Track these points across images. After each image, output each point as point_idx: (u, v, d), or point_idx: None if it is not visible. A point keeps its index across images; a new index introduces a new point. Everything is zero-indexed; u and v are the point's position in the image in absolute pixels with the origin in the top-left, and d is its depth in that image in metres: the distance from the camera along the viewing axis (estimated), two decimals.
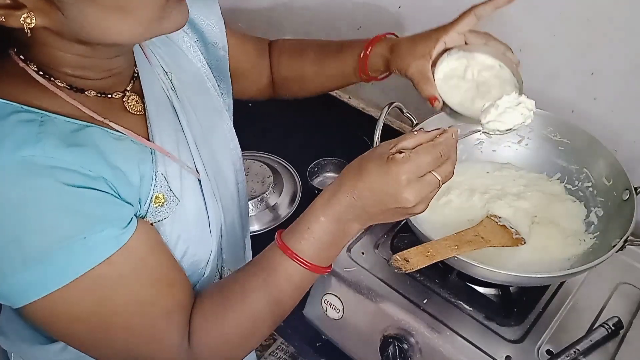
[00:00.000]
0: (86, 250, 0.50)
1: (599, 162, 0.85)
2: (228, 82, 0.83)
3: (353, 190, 0.57)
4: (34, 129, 0.50)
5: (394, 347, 0.76)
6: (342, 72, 0.84)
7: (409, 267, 0.67)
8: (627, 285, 0.84)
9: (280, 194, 1.09)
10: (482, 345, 0.74)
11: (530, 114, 0.67)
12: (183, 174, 0.64)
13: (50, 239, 0.49)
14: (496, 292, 0.82)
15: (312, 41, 0.90)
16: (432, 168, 0.56)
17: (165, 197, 0.60)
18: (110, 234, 0.52)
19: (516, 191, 0.88)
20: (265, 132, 1.26)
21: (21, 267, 0.48)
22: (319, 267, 0.59)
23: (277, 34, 1.45)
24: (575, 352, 0.72)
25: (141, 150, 0.59)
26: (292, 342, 0.94)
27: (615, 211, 0.79)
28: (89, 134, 0.54)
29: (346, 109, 1.35)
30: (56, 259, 0.49)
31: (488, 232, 0.77)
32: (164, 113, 0.65)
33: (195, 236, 0.65)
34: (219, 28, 0.80)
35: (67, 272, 0.50)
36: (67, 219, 0.50)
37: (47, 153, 0.49)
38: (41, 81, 0.54)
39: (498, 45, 0.76)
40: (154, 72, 0.68)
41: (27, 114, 0.51)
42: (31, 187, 0.48)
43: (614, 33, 0.86)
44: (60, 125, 0.53)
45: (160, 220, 0.60)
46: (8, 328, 0.70)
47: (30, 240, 0.48)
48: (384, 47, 0.78)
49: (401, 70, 0.75)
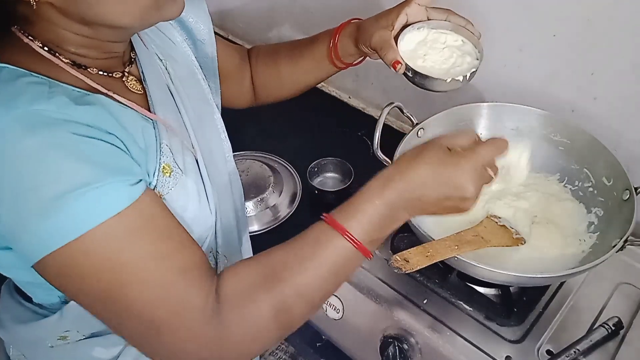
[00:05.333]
0: (100, 200, 0.50)
1: (599, 162, 0.85)
2: (217, 82, 0.84)
3: (412, 176, 0.57)
4: (44, 89, 0.52)
5: (394, 347, 0.77)
6: (317, 64, 0.85)
7: (409, 267, 0.67)
8: (627, 285, 0.84)
9: (280, 194, 1.09)
10: (482, 345, 0.74)
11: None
12: (184, 150, 0.65)
13: (66, 187, 0.49)
14: (496, 292, 0.82)
15: (284, 43, 0.92)
16: (489, 165, 0.59)
17: (171, 167, 0.62)
18: (123, 186, 0.52)
19: (516, 191, 0.88)
20: (265, 132, 1.26)
21: (38, 217, 0.49)
22: (366, 250, 0.57)
23: (277, 34, 1.45)
24: (575, 352, 0.72)
25: (145, 121, 0.61)
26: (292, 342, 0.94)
27: (615, 211, 0.79)
28: (96, 98, 0.56)
29: (346, 109, 1.35)
30: (72, 208, 0.49)
31: (488, 232, 0.77)
32: (163, 93, 0.68)
33: (197, 211, 0.66)
34: (206, 26, 0.81)
35: (83, 221, 0.49)
36: (82, 167, 0.50)
37: (60, 109, 0.51)
38: (46, 55, 0.56)
39: (459, 20, 0.78)
40: (153, 56, 0.70)
41: (36, 78, 0.53)
42: (46, 136, 0.49)
43: (614, 33, 0.86)
44: (69, 89, 0.54)
45: (168, 192, 0.61)
46: (5, 317, 0.70)
47: (47, 188, 0.49)
48: (351, 30, 0.81)
49: (366, 43, 0.77)
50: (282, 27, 1.43)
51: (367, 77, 1.30)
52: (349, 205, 0.58)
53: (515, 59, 1.00)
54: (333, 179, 1.12)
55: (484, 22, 1.01)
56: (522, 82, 1.01)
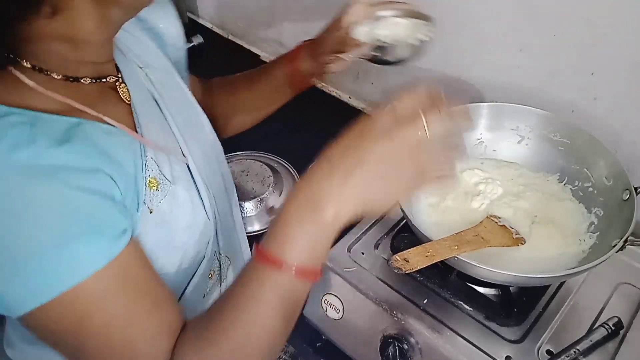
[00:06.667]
0: (74, 263, 0.48)
1: (599, 162, 0.85)
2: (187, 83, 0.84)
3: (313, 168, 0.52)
4: (25, 130, 0.49)
5: (394, 347, 0.76)
6: (277, 89, 0.87)
7: (409, 267, 0.67)
8: (627, 285, 0.84)
9: (280, 194, 1.09)
10: (482, 345, 0.74)
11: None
12: (172, 160, 0.64)
13: (42, 246, 0.47)
14: (496, 292, 0.82)
15: (240, 73, 0.93)
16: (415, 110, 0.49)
17: (157, 180, 0.60)
18: (104, 242, 0.50)
19: (516, 191, 0.88)
20: (265, 132, 1.26)
21: (14, 276, 0.47)
22: (306, 270, 0.52)
23: (277, 34, 1.45)
24: (575, 352, 0.72)
25: (132, 141, 0.59)
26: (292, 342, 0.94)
27: (615, 211, 0.79)
28: (82, 130, 0.54)
29: (346, 109, 1.35)
30: (47, 269, 0.47)
31: (488, 232, 0.77)
32: (147, 103, 0.66)
33: (192, 219, 0.65)
34: (177, 30, 0.80)
35: (58, 282, 0.47)
36: (59, 225, 0.48)
37: (41, 154, 0.48)
38: (30, 84, 0.53)
39: (403, 5, 0.77)
40: (132, 64, 0.69)
41: (17, 117, 0.50)
42: (25, 190, 0.47)
43: (614, 33, 0.86)
44: (52, 125, 0.52)
45: (158, 205, 0.60)
46: (14, 336, 0.70)
47: (19, 248, 0.47)
48: (307, 50, 0.83)
49: (325, 52, 0.79)
50: (282, 27, 1.43)
51: (367, 77, 1.30)
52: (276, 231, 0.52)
53: (515, 59, 1.00)
54: None
55: (484, 22, 1.01)
56: (522, 82, 1.01)
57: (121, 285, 0.51)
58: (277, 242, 0.52)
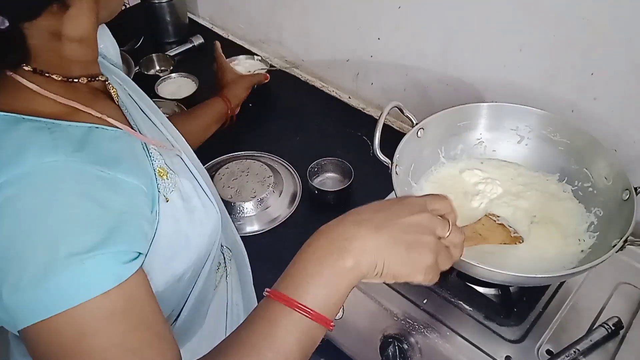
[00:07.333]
0: (84, 280, 0.46)
1: (599, 162, 0.85)
2: None
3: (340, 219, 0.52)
4: (46, 135, 0.49)
5: (394, 347, 0.77)
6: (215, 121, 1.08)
7: None
8: (627, 285, 0.84)
9: (280, 194, 1.09)
10: (482, 345, 0.74)
11: None
12: (168, 153, 0.64)
13: (52, 260, 0.45)
14: (496, 292, 0.82)
15: None
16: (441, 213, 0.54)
17: (165, 169, 0.60)
18: (114, 268, 0.48)
19: (515, 191, 0.88)
20: (265, 132, 1.26)
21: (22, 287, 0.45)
22: (325, 318, 0.51)
23: (277, 34, 1.45)
24: (575, 352, 0.72)
25: (134, 140, 0.59)
26: None
27: (615, 211, 0.79)
28: (96, 136, 0.53)
29: (346, 109, 1.35)
30: (59, 281, 0.45)
31: (486, 229, 0.77)
32: (127, 100, 0.66)
33: (202, 210, 0.65)
34: (115, 51, 0.80)
35: (68, 297, 0.45)
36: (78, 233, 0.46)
37: (69, 156, 0.48)
38: (34, 88, 0.53)
39: None
40: (104, 64, 0.69)
41: (32, 123, 0.50)
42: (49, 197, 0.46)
43: (614, 33, 0.86)
44: (68, 130, 0.51)
45: (171, 194, 0.59)
46: (17, 351, 0.69)
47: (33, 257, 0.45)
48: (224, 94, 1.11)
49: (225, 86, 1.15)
50: (282, 27, 1.43)
51: (367, 77, 1.30)
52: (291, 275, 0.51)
53: (515, 59, 1.00)
54: (333, 179, 1.12)
55: (484, 22, 1.01)
56: (522, 82, 1.01)
57: (126, 311, 0.49)
58: (294, 280, 0.50)
